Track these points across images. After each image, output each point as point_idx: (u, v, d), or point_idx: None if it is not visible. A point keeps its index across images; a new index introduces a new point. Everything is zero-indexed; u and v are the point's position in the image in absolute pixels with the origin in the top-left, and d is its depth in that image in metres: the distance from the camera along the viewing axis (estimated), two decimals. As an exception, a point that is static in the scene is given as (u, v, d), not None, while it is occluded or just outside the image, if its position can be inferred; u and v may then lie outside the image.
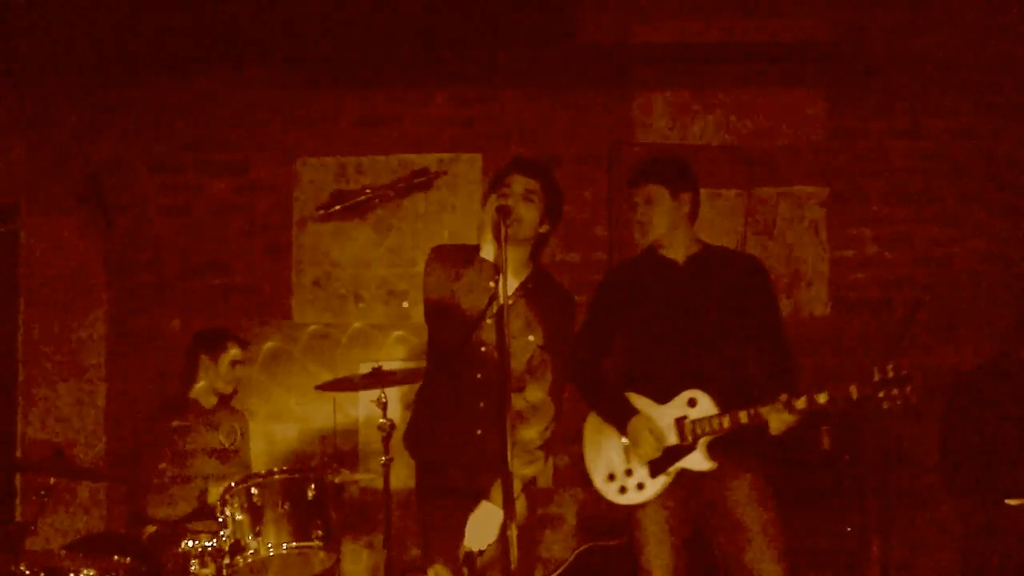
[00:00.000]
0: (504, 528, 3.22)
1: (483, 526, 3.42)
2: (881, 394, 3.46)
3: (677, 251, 3.84)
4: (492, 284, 3.42)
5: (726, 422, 3.63)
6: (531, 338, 3.54)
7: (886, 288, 5.49)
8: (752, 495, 3.69)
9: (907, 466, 5.17)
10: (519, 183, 3.57)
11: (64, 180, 5.54)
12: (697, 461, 3.69)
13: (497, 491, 3.33)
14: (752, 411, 3.58)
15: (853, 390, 3.48)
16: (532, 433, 3.55)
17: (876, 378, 3.46)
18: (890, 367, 3.46)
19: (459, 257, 3.62)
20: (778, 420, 3.56)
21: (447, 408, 3.57)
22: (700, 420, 3.67)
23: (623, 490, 3.76)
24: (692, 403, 3.70)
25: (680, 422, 3.70)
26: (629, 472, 3.75)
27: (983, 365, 4.93)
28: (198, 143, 5.65)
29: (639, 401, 3.78)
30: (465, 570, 3.49)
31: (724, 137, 5.49)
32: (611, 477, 3.79)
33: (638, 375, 3.82)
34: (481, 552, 3.41)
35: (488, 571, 3.48)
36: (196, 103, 5.63)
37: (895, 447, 4.95)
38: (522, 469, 3.47)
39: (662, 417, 3.73)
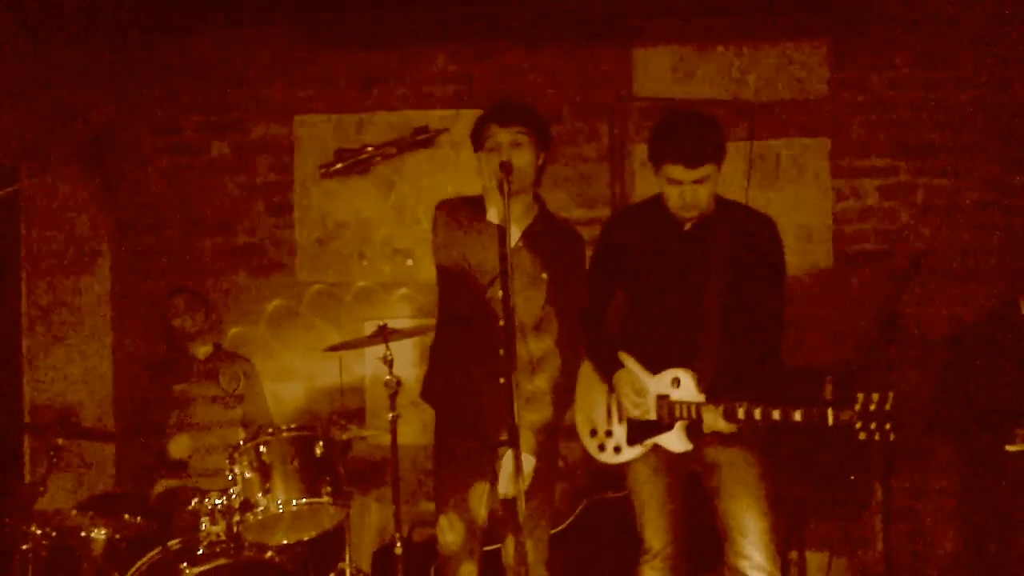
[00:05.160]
0: (536, 474, 3.38)
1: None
2: (859, 424, 3.28)
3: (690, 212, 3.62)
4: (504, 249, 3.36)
5: (695, 412, 3.53)
6: (544, 275, 3.56)
7: (889, 240, 5.46)
8: (743, 460, 3.59)
9: (908, 415, 5.07)
10: (503, 135, 3.54)
11: (64, 142, 5.44)
12: (673, 441, 3.61)
13: (526, 438, 3.38)
14: (730, 407, 3.45)
15: (830, 415, 3.32)
16: (540, 382, 3.58)
17: (857, 407, 3.29)
18: (875, 397, 3.27)
19: (466, 211, 3.64)
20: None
21: (467, 357, 3.58)
22: (679, 404, 3.56)
23: (602, 448, 3.72)
24: (676, 383, 3.59)
25: (661, 400, 3.60)
26: (609, 433, 3.71)
27: (985, 315, 4.95)
28: (198, 104, 5.60)
29: (631, 364, 3.69)
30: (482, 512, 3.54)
31: (726, 90, 5.45)
32: (592, 433, 3.76)
33: (634, 338, 3.71)
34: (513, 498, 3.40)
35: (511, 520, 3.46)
36: (195, 64, 5.56)
37: (896, 396, 4.95)
38: (530, 416, 3.51)
39: (646, 388, 3.64)
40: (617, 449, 3.67)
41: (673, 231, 3.64)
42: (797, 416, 3.34)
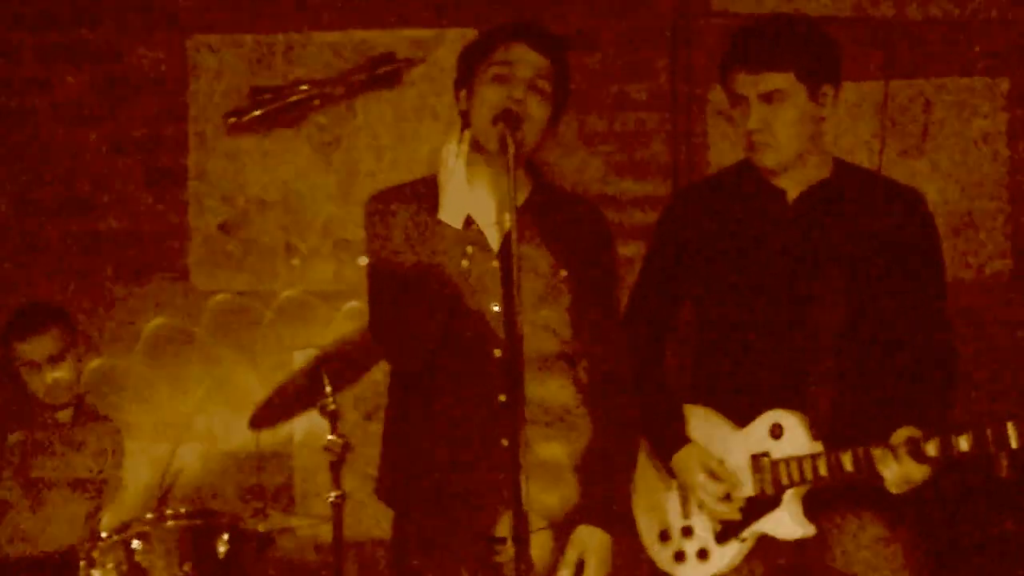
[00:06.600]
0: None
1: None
2: None
3: (791, 176, 3.03)
4: (470, 249, 2.89)
5: (822, 468, 2.94)
6: (563, 273, 2.94)
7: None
8: (885, 555, 2.95)
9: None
10: (526, 62, 2.90)
11: None
12: (784, 523, 2.98)
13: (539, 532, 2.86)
14: (862, 452, 2.89)
15: (1012, 433, 2.78)
16: (556, 448, 2.93)
17: None
18: None
19: (407, 205, 2.97)
20: (897, 470, 2.86)
21: (447, 413, 2.91)
22: (785, 461, 2.97)
23: (680, 556, 3.09)
24: (776, 432, 3.00)
25: (758, 461, 3.01)
26: (688, 531, 3.09)
27: None
28: (42, 18, 4.77)
29: (702, 419, 3.11)
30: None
31: (851, 5, 4.57)
32: (663, 536, 3.12)
33: (709, 375, 3.16)
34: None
35: None
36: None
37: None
38: (542, 495, 2.87)
39: (734, 450, 3.05)
40: (703, 553, 3.06)
41: (770, 208, 3.08)
42: (964, 444, 2.87)
